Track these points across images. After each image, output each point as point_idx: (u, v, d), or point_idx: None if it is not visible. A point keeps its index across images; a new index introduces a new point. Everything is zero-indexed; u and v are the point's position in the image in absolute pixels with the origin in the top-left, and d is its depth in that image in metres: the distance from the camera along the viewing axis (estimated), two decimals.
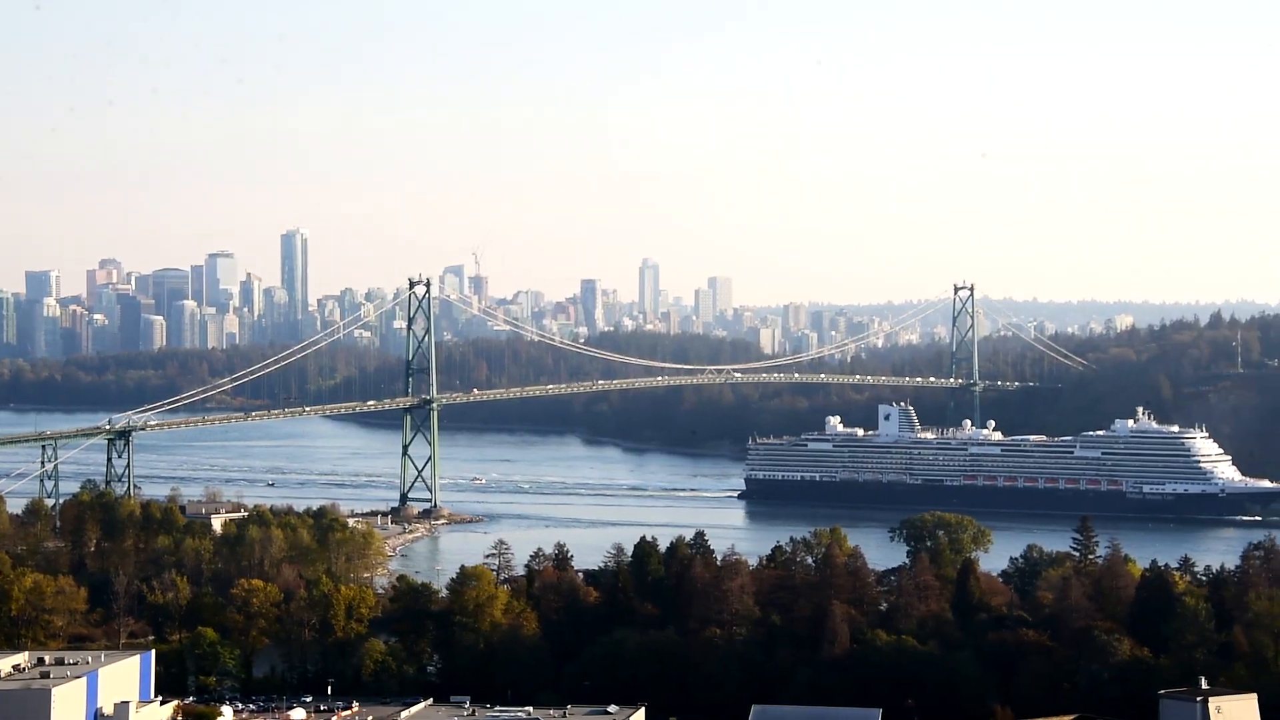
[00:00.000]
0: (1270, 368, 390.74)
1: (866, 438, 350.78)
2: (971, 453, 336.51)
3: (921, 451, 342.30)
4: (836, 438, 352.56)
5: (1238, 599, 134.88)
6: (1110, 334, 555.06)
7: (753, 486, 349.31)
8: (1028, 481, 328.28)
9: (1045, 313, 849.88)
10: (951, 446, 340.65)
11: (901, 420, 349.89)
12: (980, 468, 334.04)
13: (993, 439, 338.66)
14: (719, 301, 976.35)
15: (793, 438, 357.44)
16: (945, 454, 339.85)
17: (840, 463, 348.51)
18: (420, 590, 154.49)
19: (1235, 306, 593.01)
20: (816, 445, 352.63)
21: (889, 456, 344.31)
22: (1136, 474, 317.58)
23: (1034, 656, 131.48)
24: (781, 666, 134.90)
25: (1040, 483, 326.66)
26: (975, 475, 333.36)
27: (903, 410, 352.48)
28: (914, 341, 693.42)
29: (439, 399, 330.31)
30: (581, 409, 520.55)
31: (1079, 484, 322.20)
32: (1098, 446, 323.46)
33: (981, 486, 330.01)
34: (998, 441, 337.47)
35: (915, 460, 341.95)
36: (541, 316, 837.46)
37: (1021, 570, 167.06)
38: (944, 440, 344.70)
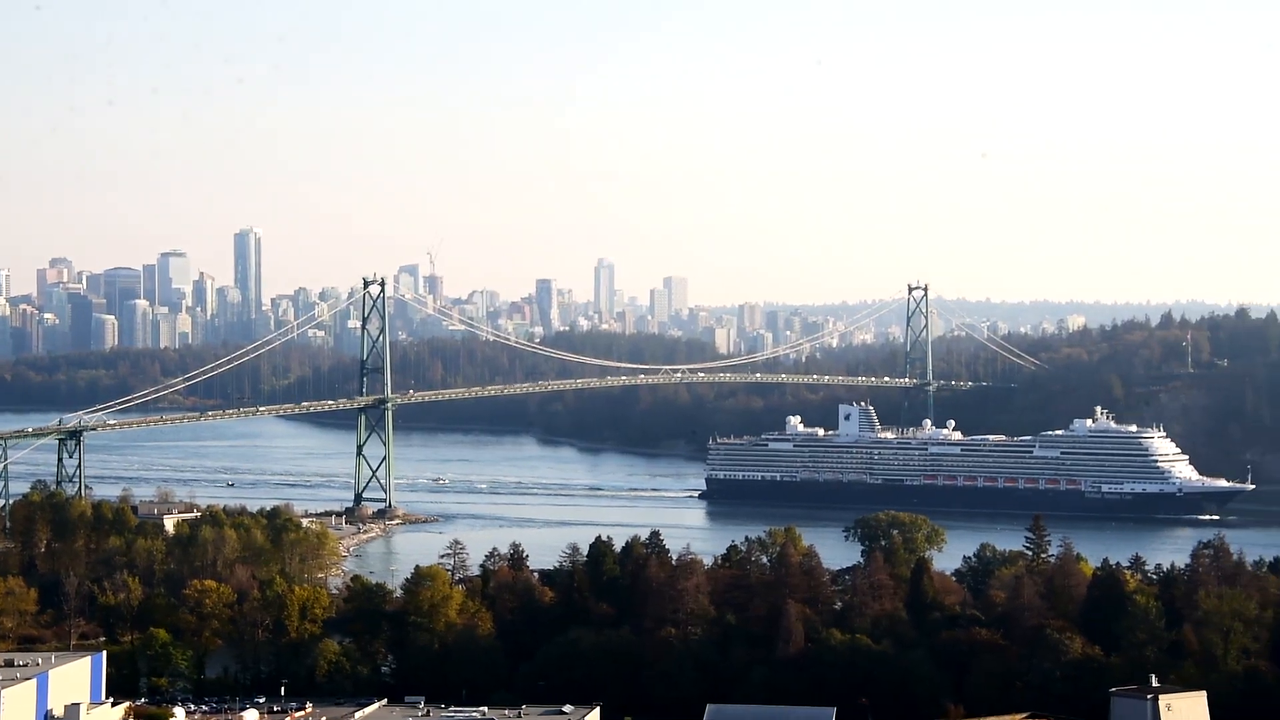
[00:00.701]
0: (1220, 368, 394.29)
1: (827, 438, 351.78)
2: (931, 452, 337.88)
3: (882, 451, 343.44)
4: (797, 438, 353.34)
5: (1188, 597, 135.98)
6: (1062, 334, 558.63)
7: (714, 486, 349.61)
8: (987, 481, 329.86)
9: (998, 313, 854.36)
10: (911, 446, 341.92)
11: (862, 420, 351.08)
12: (940, 467, 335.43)
13: (952, 439, 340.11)
14: (674, 301, 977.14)
15: (753, 438, 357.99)
16: (905, 454, 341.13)
17: (801, 462, 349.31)
18: (375, 590, 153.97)
19: (1186, 307, 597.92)
20: (777, 445, 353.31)
21: (849, 456, 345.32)
22: (1095, 474, 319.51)
23: (986, 655, 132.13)
24: (736, 666, 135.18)
25: (1000, 482, 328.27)
26: (935, 475, 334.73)
27: (863, 410, 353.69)
28: (868, 341, 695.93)
29: (393, 399, 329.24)
30: (537, 409, 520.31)
31: (1038, 483, 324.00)
32: (1057, 446, 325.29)
33: (941, 486, 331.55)
34: (957, 441, 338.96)
35: (875, 460, 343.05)
36: (497, 316, 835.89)
37: (975, 569, 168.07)
38: (904, 440, 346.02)
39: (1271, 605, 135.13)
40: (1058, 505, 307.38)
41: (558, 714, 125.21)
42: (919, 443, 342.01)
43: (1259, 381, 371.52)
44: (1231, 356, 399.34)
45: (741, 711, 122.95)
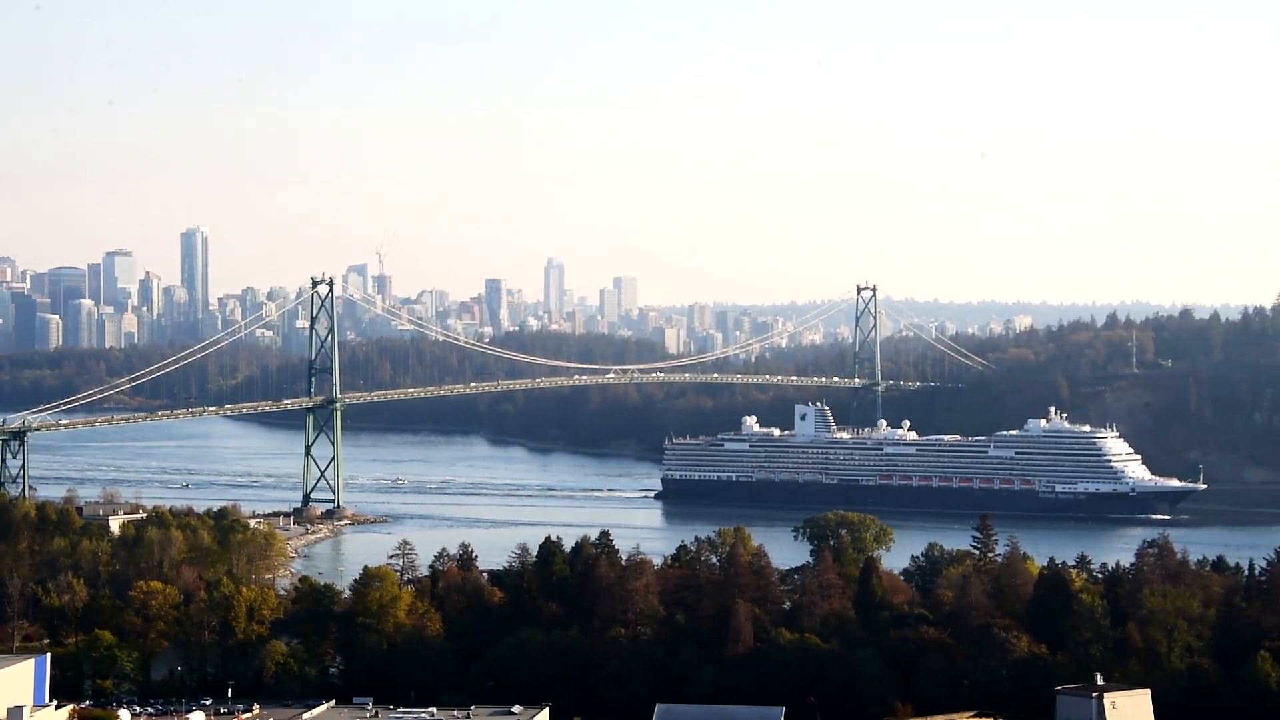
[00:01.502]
0: (1164, 368, 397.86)
1: (783, 438, 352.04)
2: (887, 452, 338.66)
3: (837, 451, 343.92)
4: (753, 438, 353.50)
5: (1132, 596, 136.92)
6: (1009, 334, 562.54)
7: (669, 486, 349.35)
8: (942, 481, 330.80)
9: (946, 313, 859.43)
10: (867, 446, 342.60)
11: (817, 420, 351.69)
12: (895, 467, 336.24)
13: (908, 439, 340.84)
14: (624, 301, 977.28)
15: (709, 438, 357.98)
16: (861, 454, 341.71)
17: (757, 463, 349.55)
18: (323, 591, 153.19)
19: (1130, 308, 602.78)
20: (733, 445, 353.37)
21: (805, 456, 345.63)
22: (1049, 473, 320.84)
23: (934, 654, 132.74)
24: (686, 665, 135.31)
25: (954, 482, 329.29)
26: (890, 475, 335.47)
27: (819, 410, 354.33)
28: (817, 341, 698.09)
29: (342, 399, 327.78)
30: (486, 409, 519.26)
31: (993, 483, 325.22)
32: (1011, 446, 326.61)
33: (897, 486, 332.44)
34: (913, 441, 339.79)
35: (831, 460, 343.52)
36: (446, 316, 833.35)
37: (923, 568, 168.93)
38: (859, 440, 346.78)
39: (1215, 603, 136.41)
40: (1012, 505, 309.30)
41: (507, 714, 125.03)
42: (874, 443, 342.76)
43: (1202, 381, 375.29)
44: (1175, 357, 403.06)
45: (691, 711, 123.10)
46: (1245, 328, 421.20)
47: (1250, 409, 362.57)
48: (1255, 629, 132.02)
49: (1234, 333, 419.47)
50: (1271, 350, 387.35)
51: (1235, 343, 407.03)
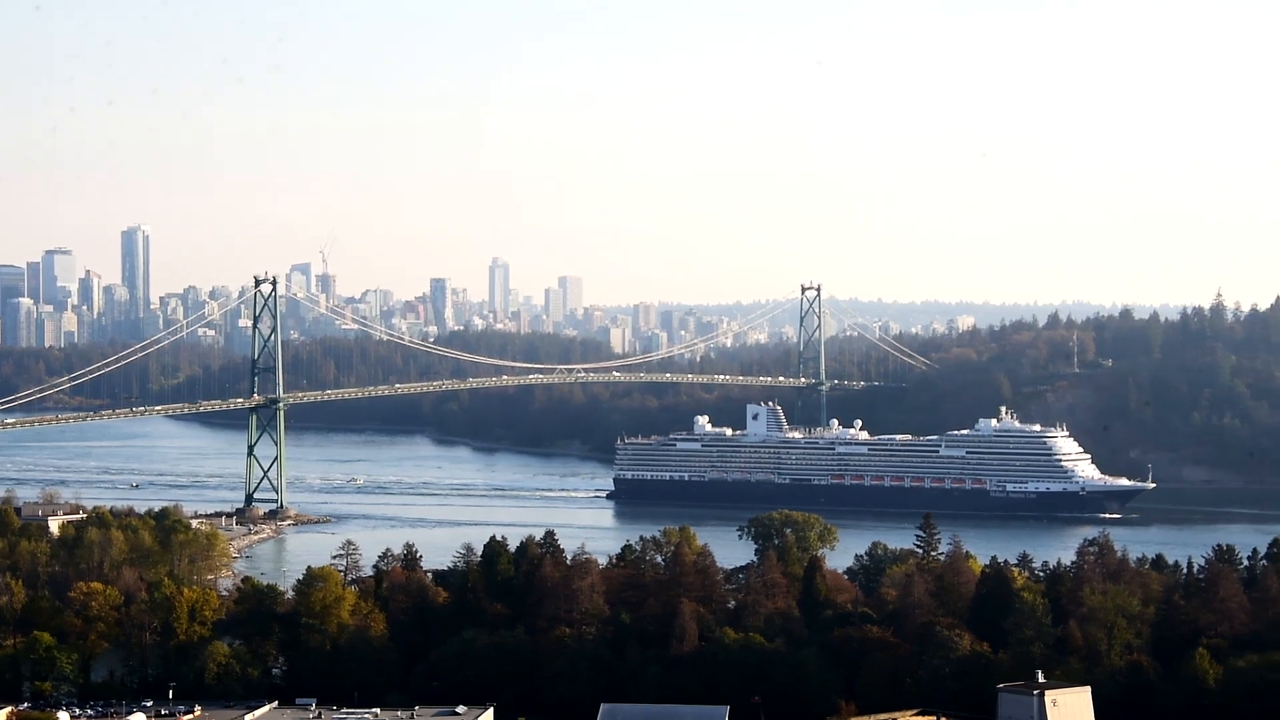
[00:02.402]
0: (1104, 367, 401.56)
1: (735, 438, 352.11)
2: (838, 452, 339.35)
3: (789, 451, 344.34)
4: (705, 437, 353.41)
5: (1073, 594, 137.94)
6: (952, 334, 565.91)
7: (621, 486, 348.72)
8: (894, 481, 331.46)
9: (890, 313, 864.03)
10: (819, 446, 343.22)
11: (769, 420, 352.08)
12: (847, 467, 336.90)
13: (860, 439, 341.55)
14: (569, 301, 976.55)
15: (661, 437, 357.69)
16: (813, 454, 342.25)
17: (709, 462, 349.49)
18: (265, 592, 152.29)
19: (1071, 308, 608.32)
20: (685, 445, 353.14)
21: (757, 456, 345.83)
22: (1000, 473, 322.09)
23: (878, 652, 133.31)
24: (631, 665, 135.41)
25: (906, 482, 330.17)
26: (843, 475, 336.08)
27: (770, 410, 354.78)
28: (762, 341, 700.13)
29: (285, 398, 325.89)
30: (431, 408, 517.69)
31: (944, 483, 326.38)
32: (962, 446, 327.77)
33: (849, 485, 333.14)
34: (865, 441, 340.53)
35: (783, 460, 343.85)
36: (390, 315, 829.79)
37: (866, 568, 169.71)
38: (812, 440, 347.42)
39: (1154, 601, 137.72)
40: (964, 505, 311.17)
41: (451, 714, 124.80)
42: (826, 443, 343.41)
43: (1142, 381, 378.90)
44: (1115, 356, 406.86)
45: (635, 710, 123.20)
46: (1184, 328, 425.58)
47: (1189, 408, 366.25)
48: (1193, 626, 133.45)
49: (1173, 333, 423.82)
50: (1210, 350, 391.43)
51: (1174, 343, 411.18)
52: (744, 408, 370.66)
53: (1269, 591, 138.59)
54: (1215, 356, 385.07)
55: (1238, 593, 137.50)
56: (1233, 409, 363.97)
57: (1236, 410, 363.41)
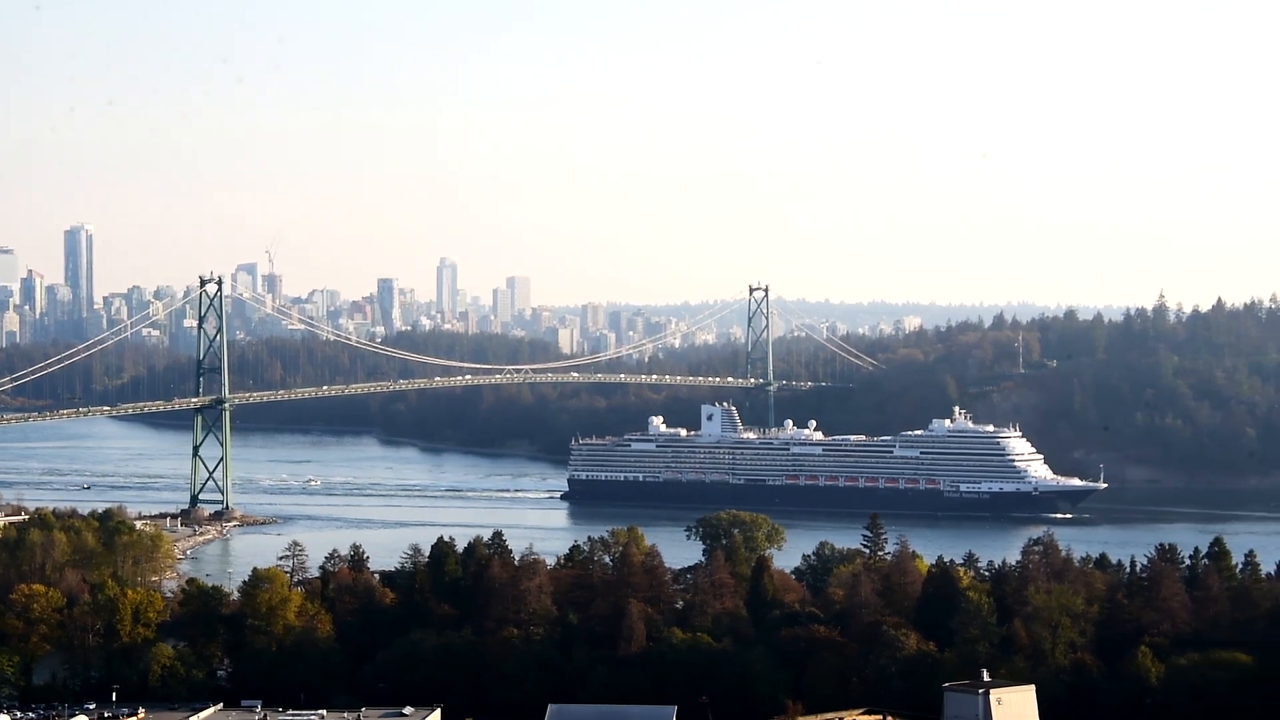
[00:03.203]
0: (1049, 368, 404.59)
1: (689, 438, 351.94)
2: (793, 453, 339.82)
3: (744, 451, 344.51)
4: (659, 438, 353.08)
5: (1018, 593, 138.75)
6: (899, 335, 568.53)
7: (575, 487, 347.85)
8: (849, 481, 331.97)
9: (837, 314, 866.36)
10: (773, 447, 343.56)
11: (724, 420, 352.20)
12: (802, 468, 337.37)
13: (814, 439, 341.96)
14: (517, 301, 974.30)
15: (615, 438, 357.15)
16: (767, 454, 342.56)
17: (663, 463, 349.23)
18: (211, 593, 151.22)
19: (1017, 308, 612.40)
20: (639, 445, 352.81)
21: (712, 457, 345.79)
22: (954, 473, 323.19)
23: (825, 652, 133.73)
24: (578, 665, 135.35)
25: (861, 482, 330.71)
26: (797, 475, 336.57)
27: (725, 411, 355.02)
28: (710, 341, 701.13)
29: (231, 399, 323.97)
30: (378, 409, 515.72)
31: (898, 483, 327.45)
32: (916, 446, 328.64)
33: (804, 486, 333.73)
34: (819, 441, 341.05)
35: (738, 460, 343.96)
36: (337, 316, 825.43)
37: (814, 567, 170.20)
38: (766, 440, 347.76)
39: (1097, 600, 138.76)
40: (918, 505, 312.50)
41: (398, 716, 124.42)
42: (781, 443, 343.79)
43: (1086, 381, 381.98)
44: (1060, 357, 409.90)
45: (583, 711, 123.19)
46: (1127, 329, 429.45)
47: (1132, 409, 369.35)
48: (1136, 625, 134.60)
49: (1116, 333, 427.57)
50: (1152, 351, 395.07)
51: (1118, 343, 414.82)
52: (693, 408, 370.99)
53: (1210, 590, 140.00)
54: (1158, 357, 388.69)
55: (1179, 592, 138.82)
56: (1175, 409, 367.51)
57: (1178, 410, 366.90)
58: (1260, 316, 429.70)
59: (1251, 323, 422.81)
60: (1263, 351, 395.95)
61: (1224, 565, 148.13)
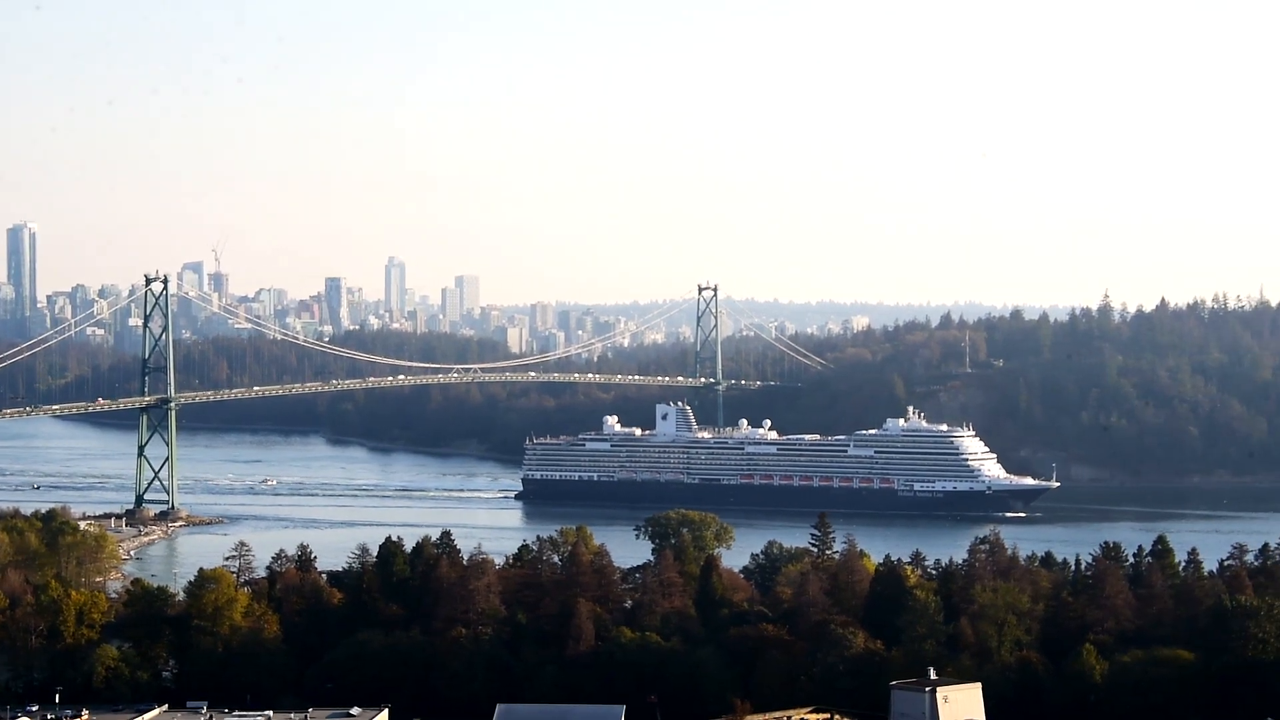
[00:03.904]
0: (995, 367, 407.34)
1: (644, 437, 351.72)
2: (748, 452, 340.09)
3: (699, 451, 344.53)
4: (614, 437, 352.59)
5: (964, 592, 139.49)
6: (847, 334, 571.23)
7: (530, 487, 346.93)
8: (803, 480, 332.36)
9: (786, 313, 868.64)
10: (728, 446, 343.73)
11: (679, 420, 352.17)
12: (757, 467, 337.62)
13: (769, 439, 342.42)
14: (466, 300, 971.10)
15: (570, 437, 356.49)
16: (722, 453, 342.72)
17: (618, 462, 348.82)
18: (156, 594, 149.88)
19: (964, 308, 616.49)
20: (594, 445, 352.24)
21: (667, 456, 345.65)
22: (907, 472, 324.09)
23: (773, 651, 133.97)
24: (527, 665, 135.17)
25: (815, 481, 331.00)
26: (752, 474, 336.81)
27: (680, 410, 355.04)
28: (659, 341, 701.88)
29: (177, 398, 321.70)
30: (326, 409, 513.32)
31: (852, 482, 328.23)
32: (870, 445, 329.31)
33: (758, 485, 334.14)
34: (773, 441, 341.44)
35: (693, 460, 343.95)
36: (285, 315, 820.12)
37: (762, 566, 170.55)
38: (721, 440, 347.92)
39: (1043, 598, 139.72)
40: (872, 504, 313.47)
41: (345, 716, 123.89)
42: (736, 442, 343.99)
43: (1031, 381, 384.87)
44: (1006, 356, 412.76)
45: (531, 711, 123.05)
46: (1073, 328, 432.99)
47: (1077, 408, 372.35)
48: (1080, 623, 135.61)
49: (1062, 333, 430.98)
50: (1097, 350, 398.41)
51: (1063, 343, 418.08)
52: (642, 407, 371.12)
53: (1153, 588, 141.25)
54: (1102, 357, 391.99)
55: (1123, 590, 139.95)
56: (1119, 408, 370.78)
57: (1123, 410, 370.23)
58: (1203, 316, 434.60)
59: (1194, 322, 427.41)
60: (1205, 351, 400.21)
61: (1167, 563, 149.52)
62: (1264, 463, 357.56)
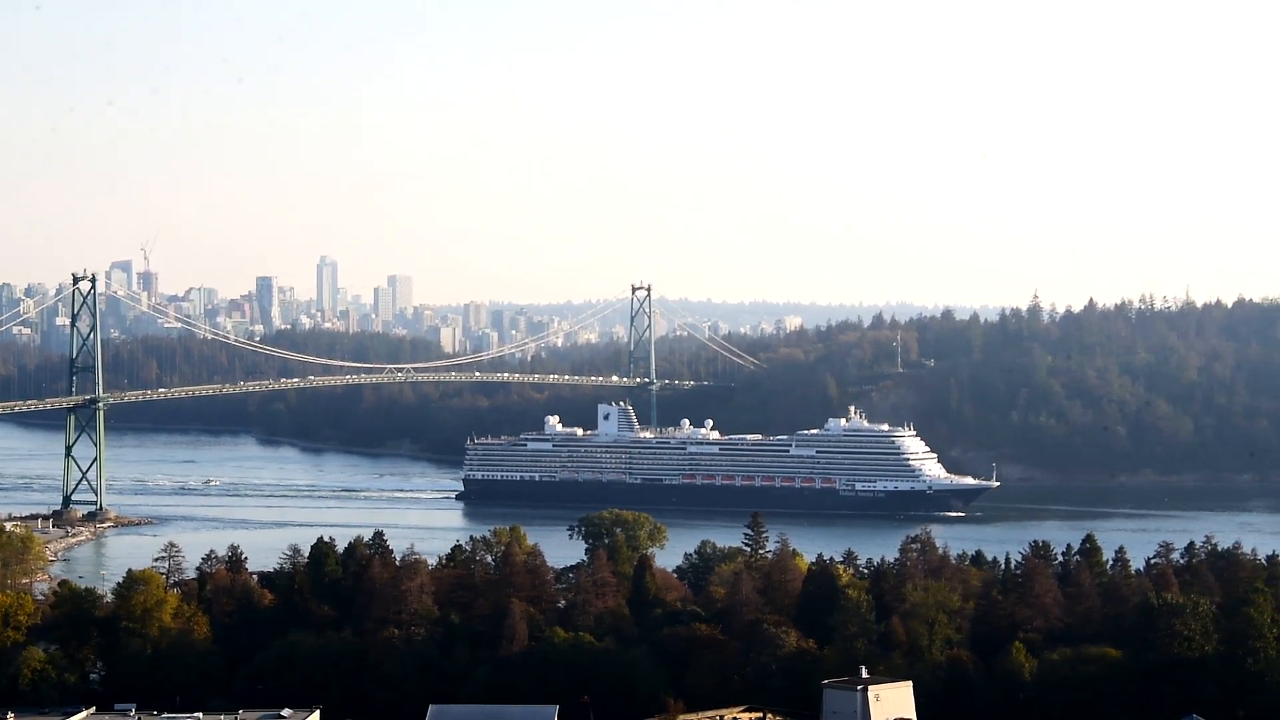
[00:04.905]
0: (927, 367, 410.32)
1: (586, 437, 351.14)
2: (690, 452, 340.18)
3: (641, 451, 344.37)
4: (556, 437, 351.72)
5: (896, 591, 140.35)
6: (780, 334, 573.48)
7: (471, 487, 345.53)
8: (745, 480, 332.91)
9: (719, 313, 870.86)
10: (670, 446, 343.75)
11: (621, 420, 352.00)
12: (699, 467, 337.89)
13: (711, 438, 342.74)
14: (399, 300, 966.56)
15: (511, 438, 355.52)
16: (664, 453, 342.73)
17: (560, 462, 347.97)
18: (83, 595, 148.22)
19: (895, 308, 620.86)
20: (536, 445, 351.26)
21: (609, 456, 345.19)
22: (849, 472, 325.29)
23: (706, 650, 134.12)
24: (460, 665, 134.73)
25: (757, 481, 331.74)
26: (694, 474, 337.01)
27: (622, 410, 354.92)
28: (593, 341, 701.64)
29: (105, 398, 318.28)
30: (257, 409, 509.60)
31: (795, 482, 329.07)
32: (812, 445, 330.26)
33: (701, 485, 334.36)
34: (715, 441, 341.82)
35: (635, 460, 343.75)
36: (215, 314, 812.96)
37: (696, 566, 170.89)
38: (663, 440, 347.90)
39: (973, 597, 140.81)
40: (814, 504, 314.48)
41: (276, 718, 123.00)
42: (678, 442, 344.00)
43: (962, 381, 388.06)
44: (937, 356, 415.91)
45: (464, 711, 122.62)
46: (1003, 329, 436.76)
47: (1007, 408, 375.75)
48: (1010, 621, 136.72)
49: (992, 333, 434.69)
50: (1027, 350, 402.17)
51: (993, 343, 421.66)
52: (575, 407, 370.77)
53: (1081, 586, 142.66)
54: (1032, 356, 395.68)
55: (1052, 588, 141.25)
56: (1048, 408, 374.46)
57: (1052, 409, 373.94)
58: (1130, 317, 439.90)
59: (1122, 323, 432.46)
60: (1132, 351, 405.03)
61: (1095, 562, 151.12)
62: (1189, 462, 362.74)
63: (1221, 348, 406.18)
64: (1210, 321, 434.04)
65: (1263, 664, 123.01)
